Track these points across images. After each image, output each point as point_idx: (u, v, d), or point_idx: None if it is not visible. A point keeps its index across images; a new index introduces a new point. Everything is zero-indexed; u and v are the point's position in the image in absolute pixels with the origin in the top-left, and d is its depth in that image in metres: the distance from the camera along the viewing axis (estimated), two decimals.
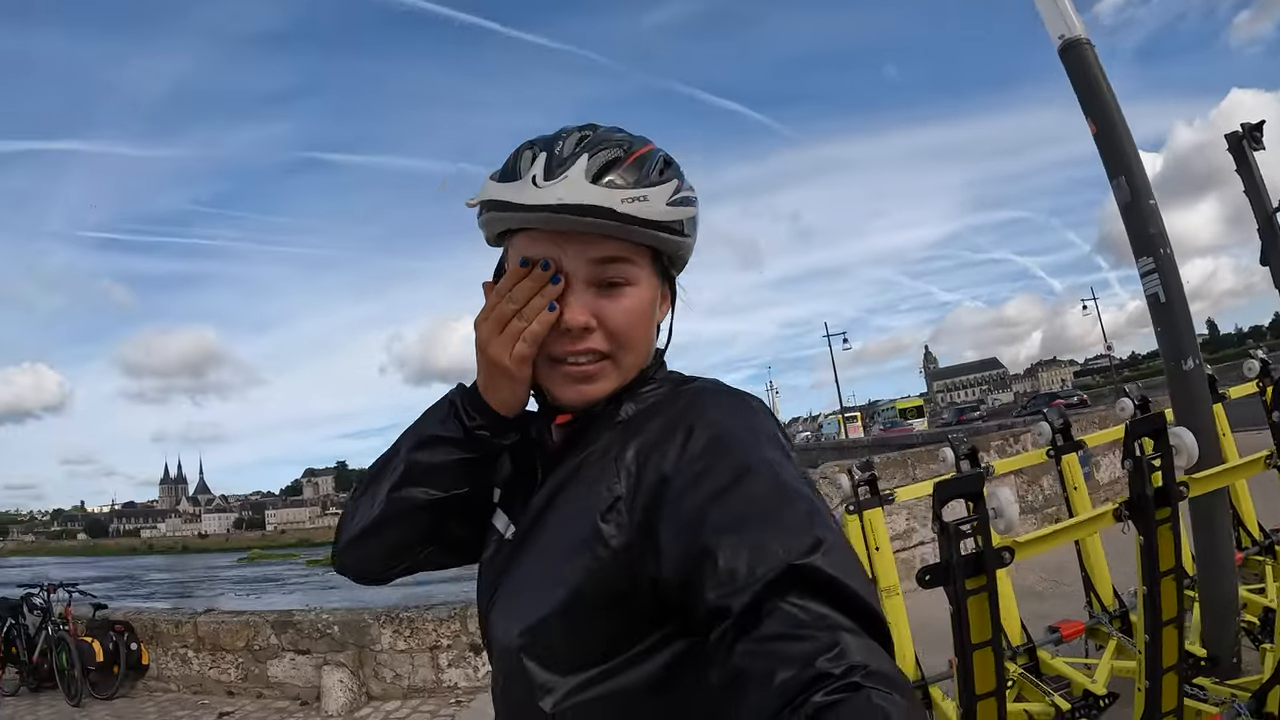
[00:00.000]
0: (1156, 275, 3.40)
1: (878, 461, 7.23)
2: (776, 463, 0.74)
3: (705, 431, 0.78)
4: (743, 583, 0.64)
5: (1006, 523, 1.89)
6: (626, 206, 0.81)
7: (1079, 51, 3.63)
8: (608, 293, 0.86)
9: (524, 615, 0.82)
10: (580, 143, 0.84)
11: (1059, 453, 3.65)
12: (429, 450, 0.94)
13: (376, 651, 6.53)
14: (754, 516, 0.68)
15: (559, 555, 0.81)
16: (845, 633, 0.60)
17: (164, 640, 7.79)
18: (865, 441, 33.60)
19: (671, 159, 0.90)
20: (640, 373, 0.91)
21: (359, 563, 1.03)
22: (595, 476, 0.83)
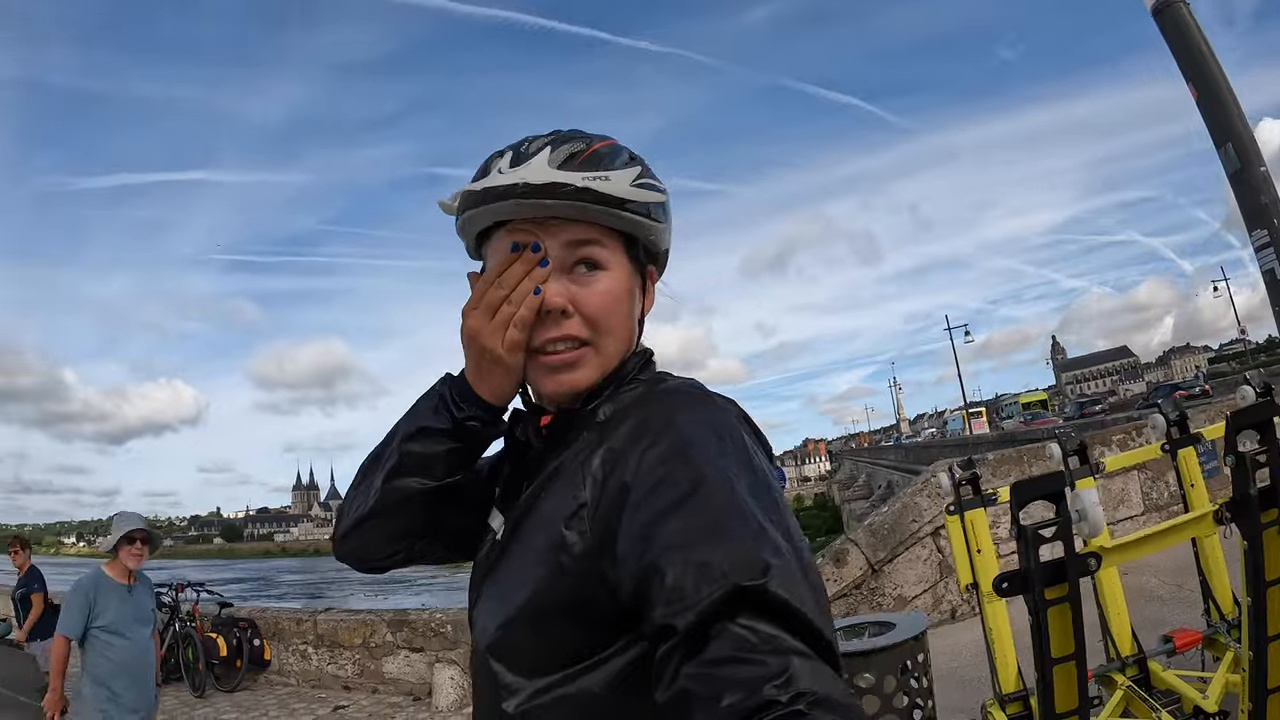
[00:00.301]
0: (1271, 249, 3.13)
1: (991, 458, 7.05)
2: (734, 477, 0.72)
3: (666, 439, 0.76)
4: (689, 602, 0.63)
5: (1091, 527, 1.76)
6: (587, 183, 0.84)
7: (1174, 13, 3.36)
8: (582, 277, 0.87)
9: (495, 617, 0.84)
10: (545, 140, 0.88)
11: (1174, 447, 3.37)
12: (420, 441, 0.95)
13: None
14: (704, 533, 0.67)
15: (529, 559, 0.82)
16: (795, 656, 0.59)
17: (285, 637, 8.23)
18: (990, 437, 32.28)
19: (636, 155, 0.92)
20: (622, 365, 0.91)
21: (357, 550, 1.04)
22: (567, 481, 0.82)
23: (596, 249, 0.87)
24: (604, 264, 0.88)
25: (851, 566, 6.44)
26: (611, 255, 0.88)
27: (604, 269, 0.88)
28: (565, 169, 0.84)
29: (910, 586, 6.41)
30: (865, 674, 2.86)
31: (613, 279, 0.88)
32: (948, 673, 4.52)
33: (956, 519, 3.29)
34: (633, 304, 0.91)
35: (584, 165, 0.85)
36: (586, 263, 0.87)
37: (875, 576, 6.43)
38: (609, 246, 0.88)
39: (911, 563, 6.46)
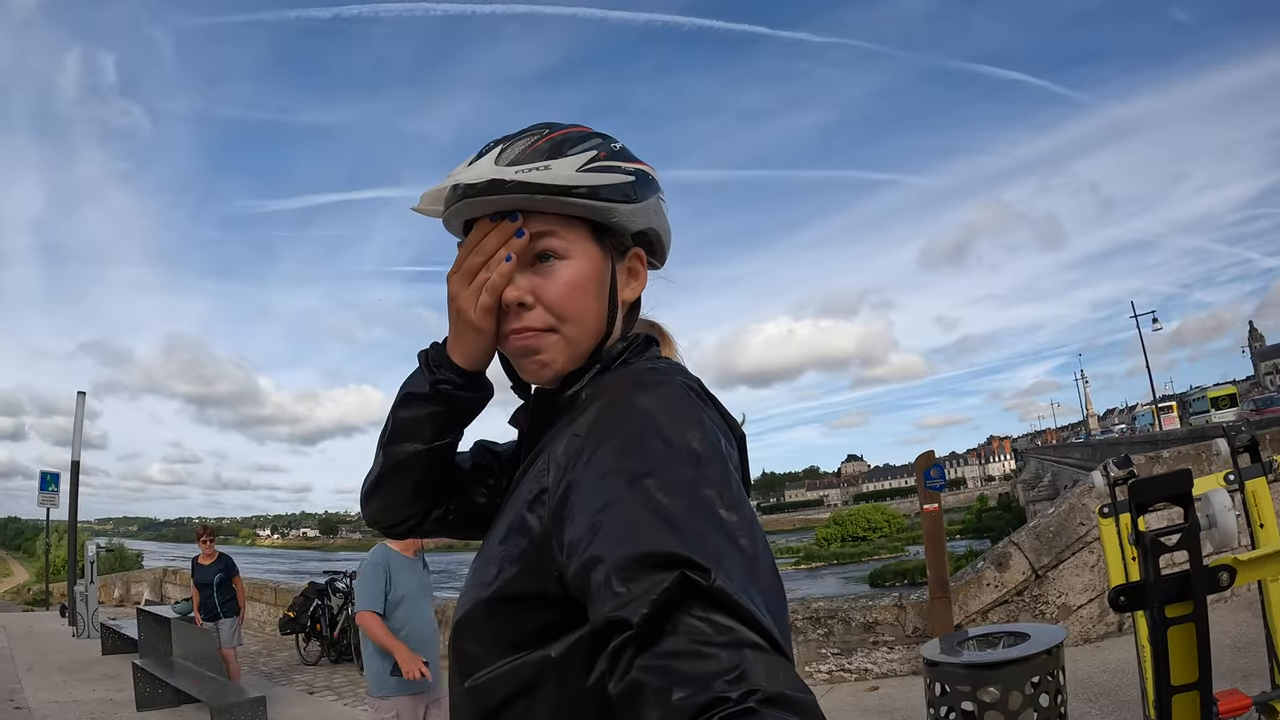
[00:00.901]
0: None
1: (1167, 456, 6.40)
2: (684, 469, 0.71)
3: (623, 427, 0.76)
4: (638, 594, 0.62)
5: (1222, 535, 1.53)
6: (521, 175, 0.84)
7: None
8: (541, 268, 0.88)
9: (466, 593, 0.85)
10: (502, 139, 0.90)
11: (1241, 478, 2.88)
12: (407, 406, 0.99)
13: None
14: (652, 526, 0.66)
15: (498, 540, 0.84)
16: (749, 649, 0.58)
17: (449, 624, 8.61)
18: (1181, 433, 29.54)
19: (607, 136, 0.92)
20: (599, 349, 0.92)
21: (376, 515, 1.09)
22: (538, 465, 0.84)
23: (552, 240, 0.88)
24: (562, 253, 0.88)
25: (1014, 571, 6.07)
26: (571, 244, 0.88)
27: (564, 258, 0.88)
28: (510, 164, 0.86)
29: (1075, 595, 5.95)
30: (990, 688, 2.66)
31: (573, 267, 0.88)
32: (1105, 691, 4.20)
33: (1111, 522, 3.06)
34: (601, 289, 0.91)
35: (528, 157, 0.86)
36: (545, 254, 0.88)
37: (1039, 583, 6.03)
38: (567, 236, 0.88)
39: (1078, 569, 6.00)
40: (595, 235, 0.90)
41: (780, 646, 0.60)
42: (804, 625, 6.48)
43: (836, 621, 6.45)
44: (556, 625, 0.77)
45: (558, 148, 0.88)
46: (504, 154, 0.87)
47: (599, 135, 0.92)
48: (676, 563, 0.62)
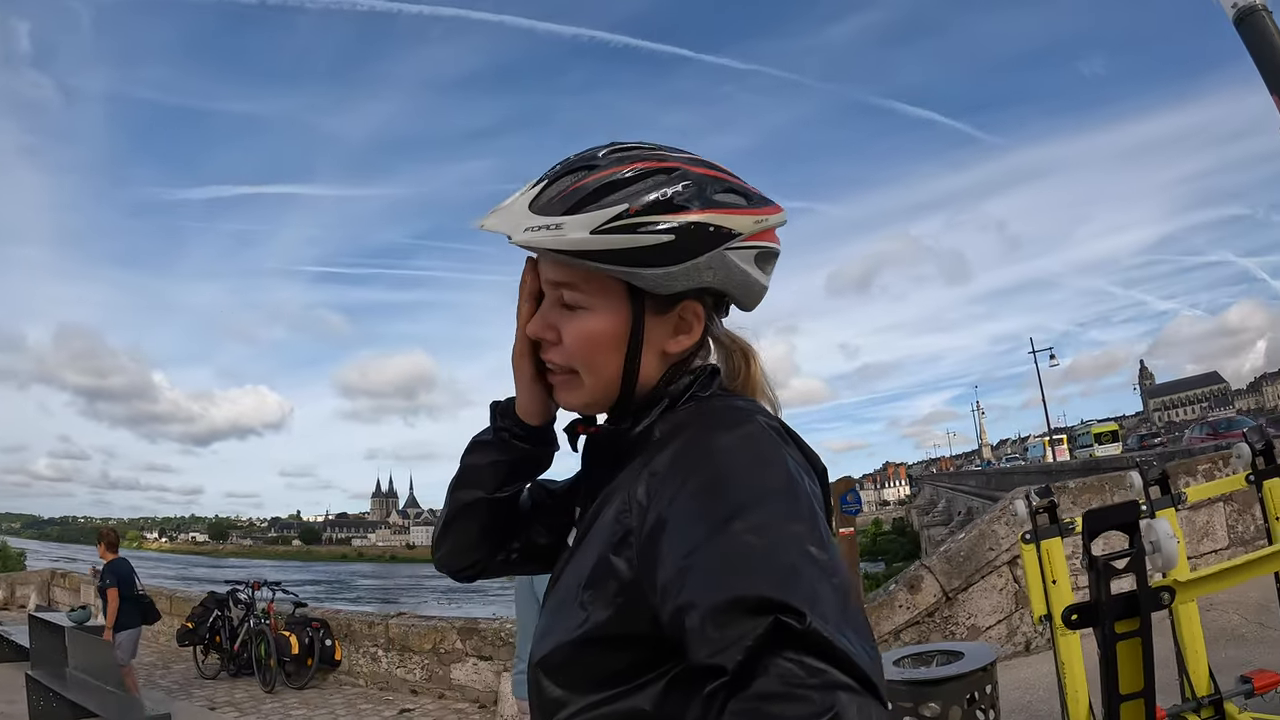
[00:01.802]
0: None
1: (1072, 486, 6.82)
2: (773, 509, 0.71)
3: (706, 467, 0.75)
4: (732, 639, 0.62)
5: (1165, 559, 1.71)
6: (526, 237, 0.83)
7: (1255, 20, 3.27)
8: (566, 312, 0.88)
9: (549, 633, 0.84)
10: (554, 170, 0.88)
11: (1259, 478, 3.22)
12: (474, 454, 1.02)
13: None
14: (742, 568, 0.66)
15: (580, 581, 0.82)
16: (842, 692, 0.58)
17: (357, 639, 8.48)
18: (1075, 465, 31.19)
19: (665, 176, 0.84)
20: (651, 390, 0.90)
21: (445, 558, 1.11)
22: (618, 505, 0.82)
23: (574, 293, 0.87)
24: (582, 305, 0.87)
25: (925, 593, 6.31)
26: (593, 296, 0.86)
27: (583, 309, 0.87)
28: (536, 210, 0.84)
29: (984, 616, 6.24)
30: (930, 703, 2.82)
31: (593, 320, 0.87)
32: (1020, 706, 4.41)
33: (1032, 548, 3.21)
34: (619, 344, 0.87)
35: (550, 207, 0.83)
36: (566, 303, 0.88)
37: (949, 605, 6.28)
38: (588, 289, 0.86)
39: (987, 592, 6.29)
40: (628, 288, 0.86)
41: (874, 687, 0.60)
42: None
43: None
44: (643, 664, 0.76)
45: (586, 198, 0.83)
46: (539, 197, 0.85)
47: (651, 177, 0.84)
48: (770, 607, 0.62)
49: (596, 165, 0.85)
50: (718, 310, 0.94)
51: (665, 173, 0.84)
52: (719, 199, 0.85)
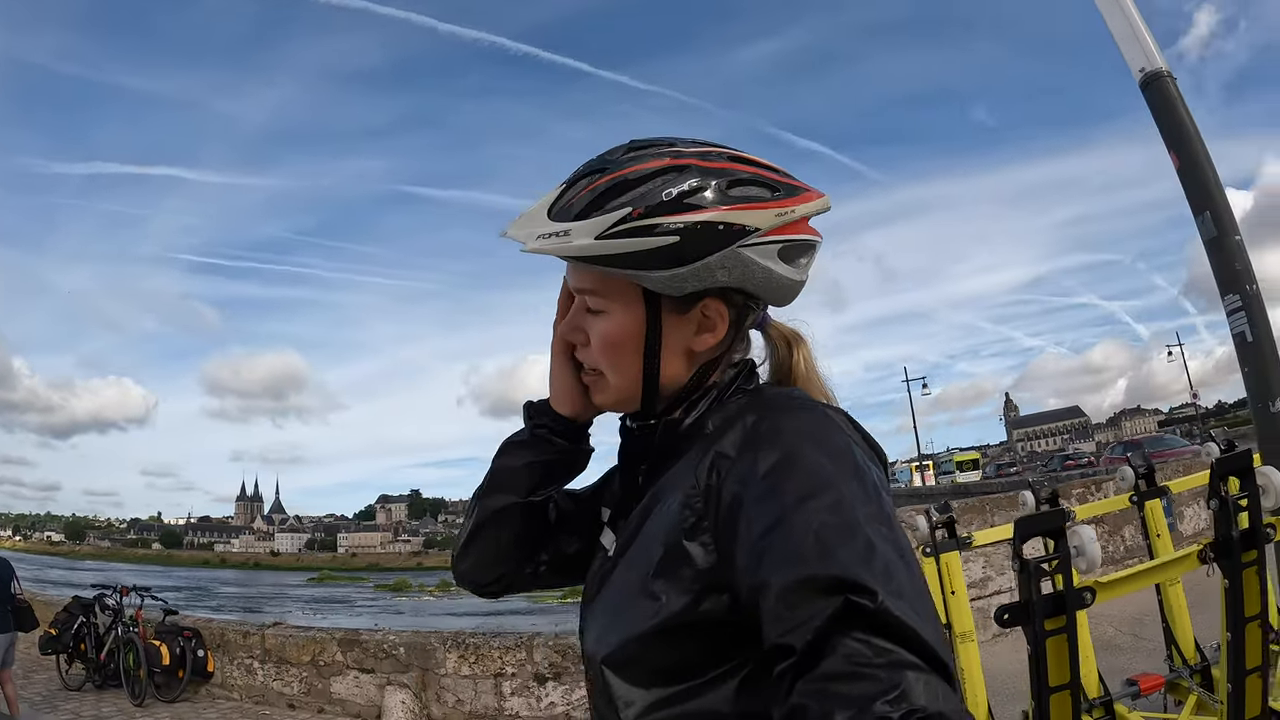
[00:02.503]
0: (1243, 313, 3.30)
1: (956, 506, 7.22)
2: (844, 488, 0.71)
3: (776, 450, 0.76)
4: (802, 619, 0.63)
5: (1088, 562, 1.85)
6: (537, 244, 0.85)
7: (1160, 85, 3.58)
8: (590, 315, 0.91)
9: (612, 629, 0.83)
10: (572, 176, 0.88)
11: (1142, 499, 3.51)
12: (506, 456, 1.02)
13: (440, 675, 6.60)
14: (814, 548, 0.66)
15: (646, 572, 0.81)
16: (909, 670, 0.58)
17: (231, 649, 8.03)
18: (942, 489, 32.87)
19: (674, 174, 0.83)
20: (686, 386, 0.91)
21: (469, 571, 1.09)
22: (681, 494, 0.81)
23: (594, 297, 0.89)
24: (600, 308, 0.89)
25: None
26: (610, 299, 0.88)
27: (602, 312, 0.89)
28: (552, 219, 0.86)
29: None
30: None
31: (610, 322, 0.89)
32: None
33: (931, 561, 3.33)
34: (644, 345, 0.88)
35: (562, 213, 0.85)
36: (589, 307, 0.91)
37: None
38: (605, 291, 0.88)
39: None
40: (644, 289, 0.86)
41: (943, 666, 0.61)
42: None
43: None
44: (722, 653, 0.76)
45: (593, 202, 0.84)
46: (556, 202, 0.86)
47: (660, 176, 0.84)
48: (841, 586, 0.63)
49: (609, 166, 0.86)
50: (754, 303, 0.91)
51: (676, 170, 0.84)
52: (734, 194, 0.84)
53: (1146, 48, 3.57)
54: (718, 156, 0.86)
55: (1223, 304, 3.39)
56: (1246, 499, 1.89)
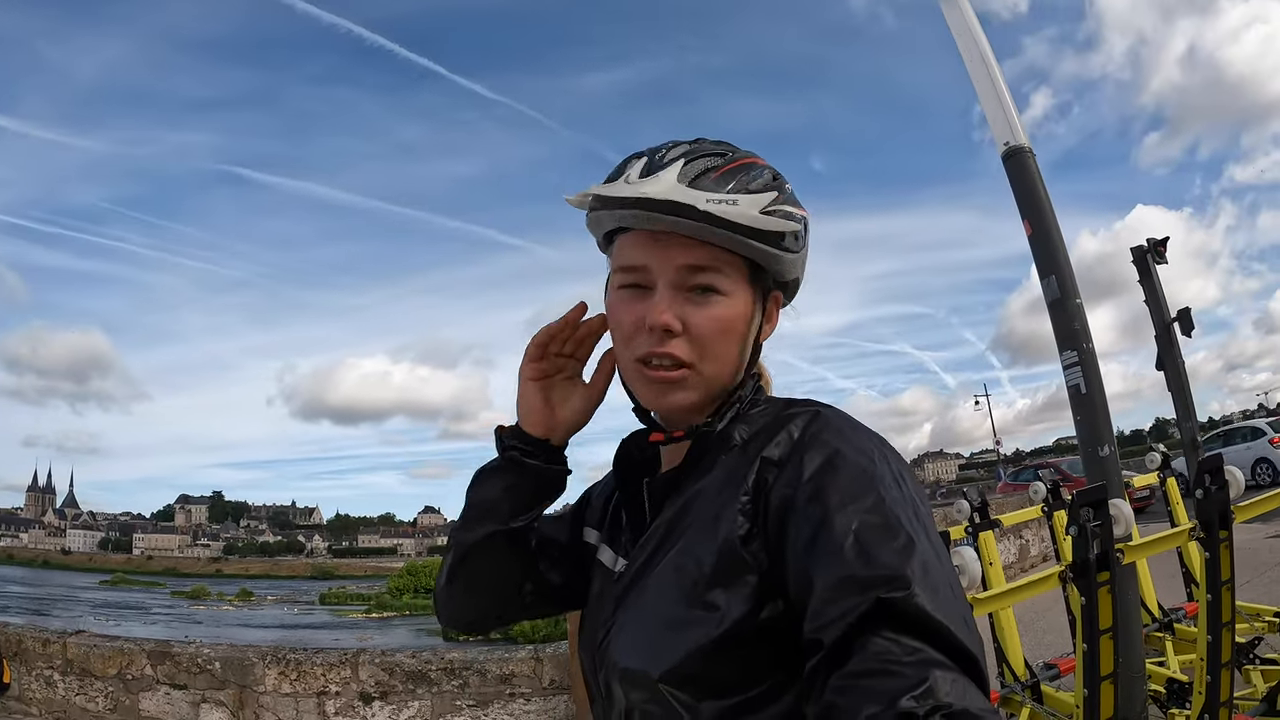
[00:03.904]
0: (1079, 368, 3.71)
1: None
2: (884, 490, 0.74)
3: (819, 454, 0.78)
4: (834, 616, 0.65)
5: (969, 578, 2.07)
6: (710, 207, 0.81)
7: (1021, 158, 3.98)
8: (696, 298, 0.85)
9: (665, 645, 0.80)
10: (683, 150, 0.86)
11: (976, 530, 3.88)
12: (482, 485, 1.00)
13: (259, 693, 6.20)
14: (853, 548, 0.69)
15: (699, 583, 0.79)
16: (936, 668, 0.60)
17: (29, 658, 7.22)
18: None
19: (779, 175, 0.89)
20: (731, 391, 0.91)
21: (455, 610, 1.07)
22: (724, 502, 0.82)
23: (715, 276, 0.85)
24: (722, 289, 0.86)
25: None
26: (731, 282, 0.86)
27: (721, 294, 0.86)
28: (694, 186, 0.82)
29: None
30: None
31: (729, 305, 0.86)
32: None
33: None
34: (748, 332, 0.90)
35: (714, 184, 0.83)
36: (706, 288, 0.86)
37: None
38: (729, 273, 0.86)
39: None
40: (751, 276, 0.88)
41: (974, 664, 0.63)
42: (438, 676, 6.43)
43: (472, 673, 6.44)
44: (785, 659, 0.75)
45: (742, 179, 0.85)
46: (686, 170, 0.83)
47: (773, 172, 0.89)
48: (876, 584, 0.65)
49: (724, 153, 0.87)
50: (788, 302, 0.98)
51: (772, 172, 0.89)
52: None
53: (1012, 123, 3.98)
54: None
55: (1060, 359, 3.80)
56: (1100, 527, 2.16)
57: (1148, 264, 5.54)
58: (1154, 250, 5.45)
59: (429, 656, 6.43)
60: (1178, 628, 3.74)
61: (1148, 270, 5.55)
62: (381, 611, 40.71)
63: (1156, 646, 3.67)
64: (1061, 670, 3.46)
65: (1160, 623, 3.77)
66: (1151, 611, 3.79)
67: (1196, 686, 2.51)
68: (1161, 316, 5.50)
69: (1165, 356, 5.55)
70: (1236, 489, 2.47)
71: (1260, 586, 5.39)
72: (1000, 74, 4.17)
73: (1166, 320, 5.50)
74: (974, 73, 4.20)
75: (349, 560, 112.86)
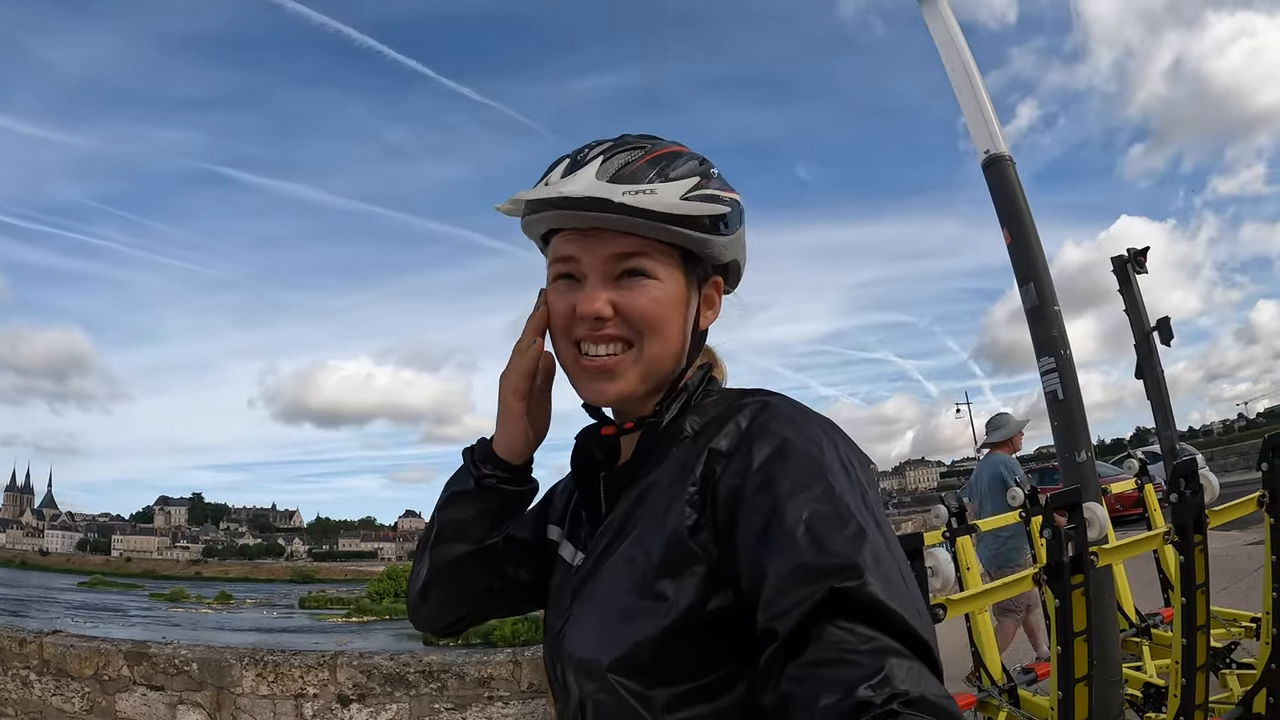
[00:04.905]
0: (1056, 374, 3.74)
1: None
2: (833, 478, 0.74)
3: (767, 443, 0.78)
4: (788, 606, 0.66)
5: (943, 580, 2.07)
6: (627, 198, 0.82)
7: (1001, 166, 4.03)
8: (627, 283, 0.87)
9: (615, 635, 0.80)
10: (604, 148, 0.88)
11: (954, 535, 3.88)
12: (454, 508, 1.01)
13: (236, 694, 6.13)
14: (804, 536, 0.69)
15: (648, 574, 0.80)
16: (892, 656, 0.61)
17: (5, 659, 7.14)
18: None
19: (705, 160, 0.91)
20: (675, 380, 0.92)
21: (429, 618, 1.08)
22: (673, 494, 0.82)
23: (644, 260, 0.87)
24: (652, 274, 0.87)
25: None
26: (663, 267, 0.88)
27: (653, 278, 0.87)
28: (614, 180, 0.84)
29: None
30: None
31: (661, 288, 0.87)
32: None
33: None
34: (685, 315, 0.90)
35: (633, 176, 0.85)
36: (635, 271, 0.87)
37: None
38: (659, 258, 0.87)
39: None
40: (684, 262, 0.89)
41: (928, 652, 0.63)
42: (416, 679, 6.40)
43: (450, 676, 6.42)
44: (735, 650, 0.75)
45: (662, 168, 0.86)
46: (605, 166, 0.85)
47: (699, 158, 0.90)
48: (828, 573, 0.66)
49: (645, 146, 0.89)
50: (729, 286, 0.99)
51: (697, 159, 0.90)
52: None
53: (993, 131, 4.02)
54: None
55: (1038, 365, 3.83)
56: (1074, 530, 2.18)
57: (1128, 273, 5.61)
58: (1134, 260, 5.53)
59: (407, 659, 6.40)
60: (1155, 633, 3.76)
61: (1128, 279, 5.63)
62: (361, 615, 40.49)
63: (1134, 651, 3.69)
64: (1039, 674, 3.48)
65: (1137, 628, 3.78)
66: (1129, 616, 3.80)
67: (1172, 690, 2.53)
68: (1141, 325, 5.57)
69: (1145, 365, 5.62)
70: (1211, 493, 2.50)
71: (1238, 593, 5.44)
72: (981, 82, 4.21)
73: (1146, 329, 5.57)
74: (956, 81, 4.25)
75: (329, 564, 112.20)
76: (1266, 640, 2.70)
